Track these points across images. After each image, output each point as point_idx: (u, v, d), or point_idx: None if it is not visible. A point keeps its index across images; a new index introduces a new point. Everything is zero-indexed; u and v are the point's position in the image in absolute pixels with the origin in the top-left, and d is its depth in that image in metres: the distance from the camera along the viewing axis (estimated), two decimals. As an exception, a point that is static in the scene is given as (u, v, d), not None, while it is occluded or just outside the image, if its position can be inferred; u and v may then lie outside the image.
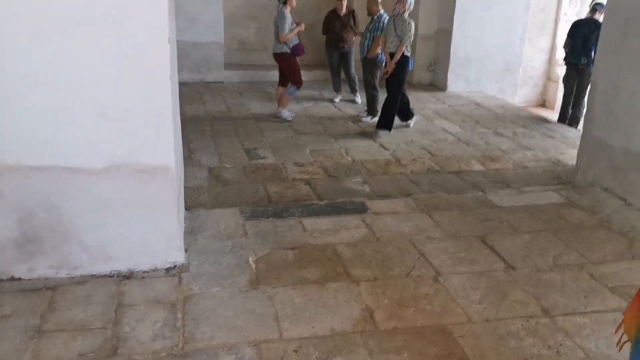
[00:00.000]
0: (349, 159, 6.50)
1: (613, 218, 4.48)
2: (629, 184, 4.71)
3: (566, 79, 8.78)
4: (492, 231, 4.25)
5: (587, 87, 8.35)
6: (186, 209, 4.49)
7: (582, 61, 8.30)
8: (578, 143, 7.17)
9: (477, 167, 6.36)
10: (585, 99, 8.66)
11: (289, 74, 7.74)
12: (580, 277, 3.62)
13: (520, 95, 10.19)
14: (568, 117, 8.77)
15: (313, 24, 10.10)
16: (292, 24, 7.44)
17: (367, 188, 5.61)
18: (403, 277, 3.59)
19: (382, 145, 6.99)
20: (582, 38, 8.31)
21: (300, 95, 9.21)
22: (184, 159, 6.14)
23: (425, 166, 6.34)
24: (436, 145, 7.03)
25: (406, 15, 7.16)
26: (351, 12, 8.65)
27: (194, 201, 5.06)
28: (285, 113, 7.89)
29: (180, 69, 9.56)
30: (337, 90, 9.04)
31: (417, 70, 9.51)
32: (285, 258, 3.77)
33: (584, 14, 10.04)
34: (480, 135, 7.48)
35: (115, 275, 3.43)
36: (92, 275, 3.40)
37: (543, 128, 7.89)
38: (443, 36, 9.44)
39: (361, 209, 4.61)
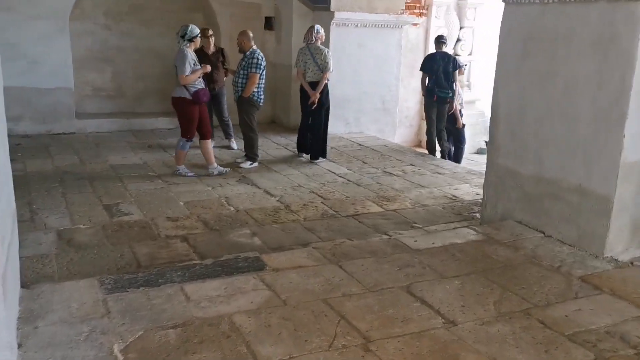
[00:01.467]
0: (232, 208, 5.63)
1: (539, 253, 4.02)
2: (545, 213, 4.32)
3: (427, 110, 8.87)
4: (416, 279, 3.57)
5: (445, 117, 8.73)
6: (24, 286, 3.35)
7: (449, 95, 8.46)
8: (469, 178, 6.99)
9: (375, 208, 5.77)
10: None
11: (181, 122, 6.65)
12: (532, 327, 3.03)
13: (398, 135, 9.99)
14: (437, 148, 8.89)
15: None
16: (194, 64, 6.41)
17: (257, 240, 4.75)
18: (325, 349, 2.76)
19: (267, 192, 6.20)
20: (443, 72, 8.43)
21: (167, 143, 8.23)
22: (24, 222, 4.93)
23: (318, 211, 5.63)
24: (326, 188, 6.38)
25: (319, 44, 7.33)
26: (220, 50, 7.92)
27: (36, 274, 3.90)
28: (184, 169, 6.77)
29: (18, 119, 8.42)
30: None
31: (293, 113, 8.94)
32: (165, 341, 2.79)
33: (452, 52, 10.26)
34: (370, 175, 6.97)
35: None
36: None
37: (430, 165, 7.58)
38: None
39: (257, 266, 3.74)
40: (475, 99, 11.24)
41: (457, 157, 8.59)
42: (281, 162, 7.52)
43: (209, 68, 6.70)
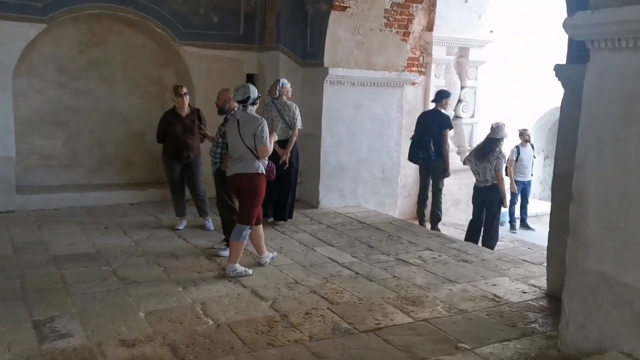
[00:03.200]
0: (210, 322, 4.16)
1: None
2: (667, 342, 2.98)
3: (420, 172, 8.19)
4: None
5: (441, 179, 7.84)
6: None
7: (420, 155, 7.64)
8: (503, 267, 5.66)
9: (399, 317, 4.37)
10: (442, 194, 7.97)
11: (247, 205, 5.11)
12: None
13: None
14: (425, 216, 8.10)
15: (142, 132, 7.92)
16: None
17: (249, 383, 3.29)
18: None
19: (255, 292, 4.76)
20: (422, 130, 7.73)
21: (128, 223, 6.77)
22: None
23: (327, 324, 4.20)
24: (331, 286, 4.97)
25: (285, 99, 6.67)
26: (195, 111, 6.61)
27: None
28: (241, 268, 5.20)
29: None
30: (180, 214, 6.72)
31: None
32: None
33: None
34: (382, 265, 5.60)
35: None
36: None
37: (450, 249, 6.24)
38: (310, 141, 7.72)
39: None
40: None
41: (488, 240, 7.23)
42: (268, 244, 6.11)
43: (275, 136, 5.67)
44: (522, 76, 15.36)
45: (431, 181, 7.93)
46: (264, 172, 5.08)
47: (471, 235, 7.21)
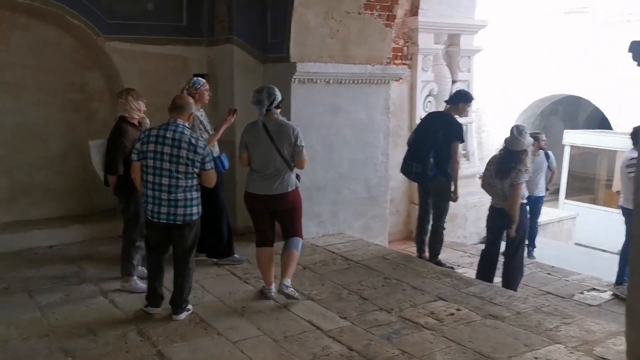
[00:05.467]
0: None
1: None
2: None
3: (418, 192, 6.58)
4: None
5: (444, 203, 6.17)
6: None
7: (414, 168, 6.04)
8: (547, 323, 4.10)
9: None
10: (444, 220, 6.29)
11: (296, 221, 4.62)
12: None
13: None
14: (425, 244, 6.40)
15: (64, 151, 6.21)
16: None
17: None
18: None
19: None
20: (421, 137, 6.06)
21: (39, 278, 5.06)
22: None
23: None
24: (318, 379, 3.39)
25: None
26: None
27: None
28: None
29: None
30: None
31: (243, 213, 5.93)
32: None
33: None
34: (382, 329, 4.04)
35: None
36: None
37: (470, 296, 4.69)
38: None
39: None
40: (475, 172, 8.61)
41: (511, 277, 5.67)
42: (226, 302, 4.50)
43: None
44: (520, 64, 13.94)
45: (431, 203, 6.33)
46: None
47: (486, 270, 5.68)
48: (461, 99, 6.16)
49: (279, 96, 4.48)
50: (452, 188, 6.06)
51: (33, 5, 5.74)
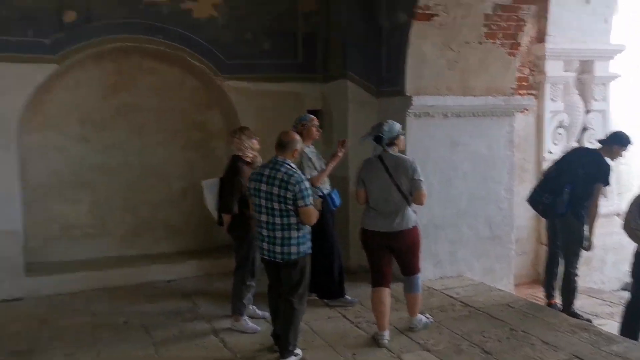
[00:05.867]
0: None
1: None
2: None
3: (547, 230, 5.96)
4: None
5: (574, 246, 5.52)
6: None
7: (544, 199, 5.46)
8: None
9: None
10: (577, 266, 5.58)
11: (414, 258, 4.46)
12: None
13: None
14: (554, 289, 5.79)
15: (184, 190, 6.41)
16: None
17: None
18: None
19: None
20: (559, 170, 5.56)
21: (156, 313, 5.16)
22: None
23: None
24: None
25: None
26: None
27: None
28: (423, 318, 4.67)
29: None
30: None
31: (356, 251, 5.72)
32: None
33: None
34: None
35: None
36: None
37: (611, 356, 4.09)
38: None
39: None
40: (614, 210, 7.77)
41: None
42: (336, 347, 4.27)
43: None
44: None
45: (560, 244, 5.71)
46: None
47: (632, 324, 4.93)
48: (617, 141, 5.53)
49: (398, 131, 4.39)
50: (586, 233, 5.43)
51: (159, 50, 6.05)
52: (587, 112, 7.69)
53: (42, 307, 5.39)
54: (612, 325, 5.29)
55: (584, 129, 7.70)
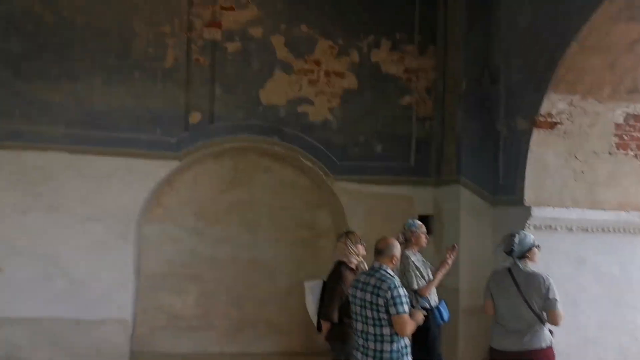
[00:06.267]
0: None
1: None
2: None
3: None
4: None
5: None
6: None
7: None
8: None
9: None
10: None
11: None
12: None
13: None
14: None
15: (289, 288, 6.34)
16: None
17: None
18: None
19: None
20: None
21: None
22: None
23: None
24: None
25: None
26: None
27: None
28: None
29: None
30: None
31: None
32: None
33: None
34: None
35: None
36: None
37: None
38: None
39: None
40: None
41: None
42: None
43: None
44: None
45: None
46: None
47: None
48: None
49: (531, 244, 4.07)
50: None
51: (275, 149, 6.22)
52: None
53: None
54: None
55: None
